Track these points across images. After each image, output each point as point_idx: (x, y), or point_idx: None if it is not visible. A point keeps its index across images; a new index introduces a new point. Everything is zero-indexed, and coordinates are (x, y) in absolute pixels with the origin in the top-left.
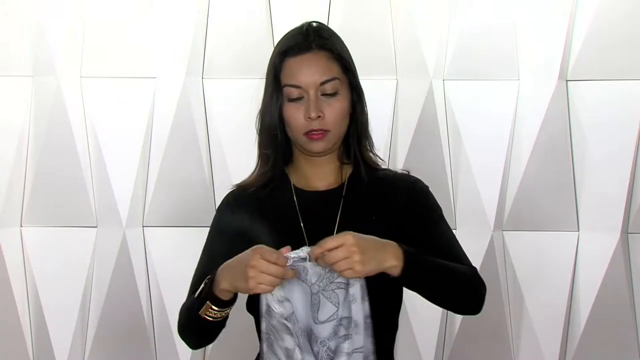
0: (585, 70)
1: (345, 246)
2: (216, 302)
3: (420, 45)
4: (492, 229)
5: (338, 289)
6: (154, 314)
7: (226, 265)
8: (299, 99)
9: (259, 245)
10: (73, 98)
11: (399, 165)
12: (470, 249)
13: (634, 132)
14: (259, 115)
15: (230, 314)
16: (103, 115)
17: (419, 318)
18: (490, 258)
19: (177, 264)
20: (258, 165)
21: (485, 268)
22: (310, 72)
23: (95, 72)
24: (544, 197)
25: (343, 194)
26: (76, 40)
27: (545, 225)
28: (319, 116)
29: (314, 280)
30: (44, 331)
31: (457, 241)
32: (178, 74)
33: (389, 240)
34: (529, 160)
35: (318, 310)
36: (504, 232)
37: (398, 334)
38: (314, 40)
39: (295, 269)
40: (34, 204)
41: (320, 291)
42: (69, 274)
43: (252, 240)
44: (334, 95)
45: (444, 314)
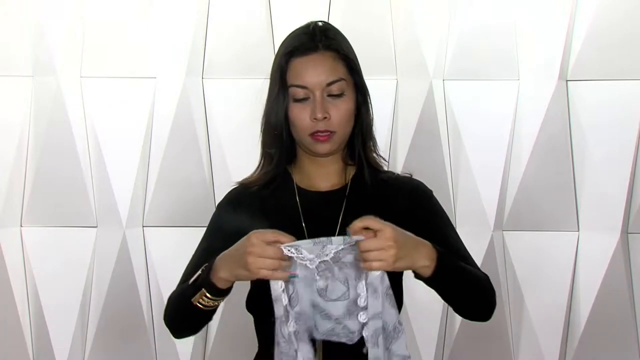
0: (585, 70)
1: (383, 237)
2: (211, 290)
3: (420, 45)
4: (492, 229)
5: (346, 268)
6: (154, 314)
7: (224, 254)
8: (305, 100)
9: (254, 231)
10: (73, 98)
11: (399, 165)
12: (470, 249)
13: (634, 132)
14: (264, 115)
15: (230, 314)
16: (103, 115)
17: (419, 318)
18: (490, 258)
19: (177, 264)
20: (261, 164)
21: (485, 268)
22: (316, 73)
23: (95, 72)
24: (544, 197)
25: (346, 194)
26: (76, 40)
27: (545, 225)
28: (325, 117)
29: (311, 256)
30: (44, 331)
31: (466, 249)
32: (178, 74)
33: (423, 239)
34: (529, 160)
35: (327, 289)
36: (504, 232)
37: None
38: (320, 40)
39: (295, 255)
40: (34, 204)
41: (326, 270)
42: (69, 274)
43: None
44: (339, 96)
45: (444, 314)
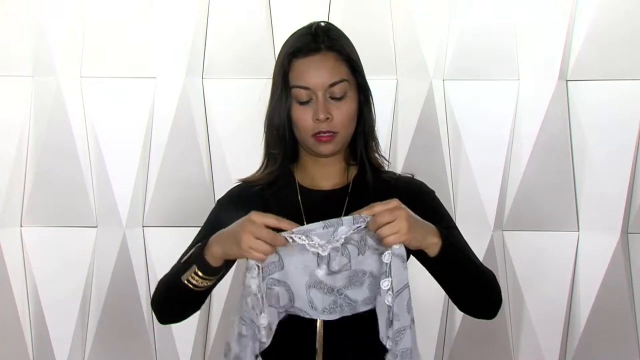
0: (585, 70)
1: (392, 210)
2: (202, 267)
3: (420, 45)
4: (492, 229)
5: (349, 244)
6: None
7: (221, 231)
8: (308, 101)
9: (255, 212)
10: (73, 98)
11: (399, 165)
12: None
13: (634, 132)
14: (266, 116)
15: (229, 313)
16: (103, 115)
17: (419, 318)
18: (490, 258)
19: None
20: (264, 164)
21: None
22: (318, 74)
23: (95, 72)
24: (544, 197)
25: (348, 194)
26: (76, 40)
27: (545, 225)
28: (328, 118)
29: (322, 242)
30: (44, 331)
31: (471, 249)
32: (178, 74)
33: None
34: (529, 160)
35: (329, 263)
36: (504, 232)
37: None
38: (323, 41)
39: (299, 239)
40: (34, 204)
41: (331, 250)
42: (69, 274)
43: None
44: (342, 97)
45: (444, 314)
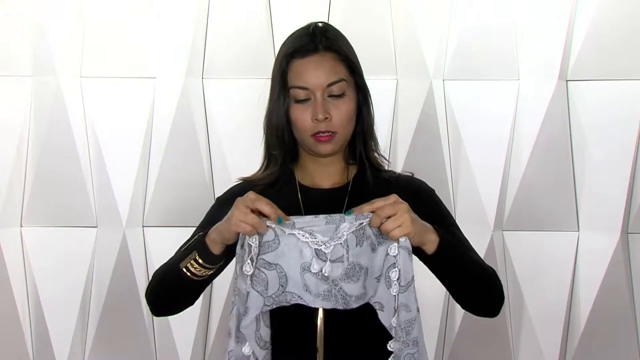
0: (585, 70)
1: (393, 204)
2: (203, 254)
3: (420, 45)
4: (492, 229)
5: (350, 234)
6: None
7: (221, 221)
8: (306, 101)
9: (251, 192)
10: (73, 98)
11: (399, 165)
12: None
13: (634, 132)
14: (266, 117)
15: (229, 313)
16: (103, 115)
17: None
18: (490, 258)
19: None
20: (264, 164)
21: None
22: (317, 74)
23: (95, 72)
24: (544, 197)
25: (348, 192)
26: (76, 40)
27: (545, 225)
28: (326, 118)
29: (325, 239)
30: (44, 331)
31: (472, 246)
32: (178, 74)
33: None
34: (529, 160)
35: (325, 254)
36: (504, 232)
37: None
38: (321, 41)
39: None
40: (34, 204)
41: (330, 240)
42: (69, 274)
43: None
44: (340, 96)
45: (444, 314)
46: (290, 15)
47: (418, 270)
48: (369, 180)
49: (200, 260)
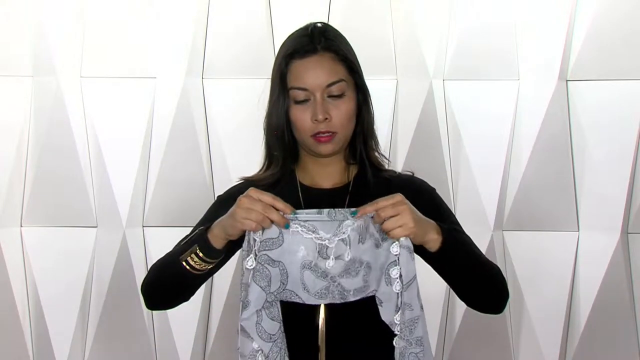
0: (585, 70)
1: (395, 203)
2: (203, 248)
3: (420, 45)
4: (492, 229)
5: (352, 231)
6: (153, 314)
7: (223, 216)
8: (306, 101)
9: (253, 188)
10: (73, 98)
11: (399, 165)
12: None
13: (634, 132)
14: (266, 118)
15: (230, 314)
16: (103, 115)
17: None
18: (490, 258)
19: None
20: (265, 165)
21: None
22: (316, 75)
23: (95, 72)
24: (544, 197)
25: (349, 192)
26: (76, 40)
27: (545, 225)
28: (326, 118)
29: (328, 235)
30: (44, 331)
31: (476, 245)
32: (178, 74)
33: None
34: (529, 160)
35: (327, 250)
36: (504, 232)
37: None
38: (320, 42)
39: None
40: (34, 204)
41: (333, 237)
42: (69, 274)
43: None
44: (340, 96)
45: (444, 314)
46: (290, 15)
47: (419, 269)
48: (369, 180)
49: (200, 254)
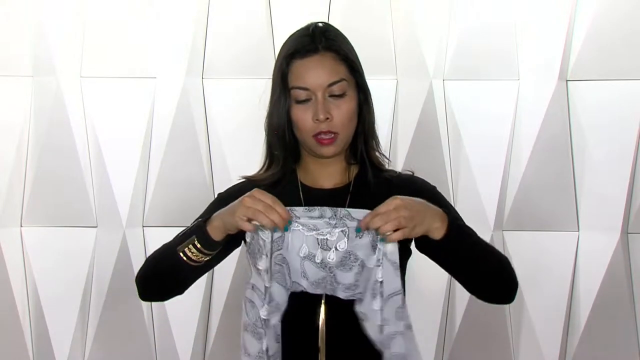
0: (585, 70)
1: (389, 206)
2: (203, 239)
3: (420, 45)
4: (492, 229)
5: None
6: (153, 314)
7: (223, 208)
8: (307, 101)
9: (257, 189)
10: (73, 98)
11: (399, 164)
12: None
13: (634, 132)
14: (267, 118)
15: (229, 313)
16: (103, 115)
17: (418, 318)
18: None
19: None
20: (266, 165)
21: None
22: (317, 74)
23: (95, 72)
24: (544, 197)
25: (350, 192)
26: (76, 40)
27: (546, 225)
28: (327, 118)
29: (329, 229)
30: (44, 331)
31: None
32: (178, 74)
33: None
34: (529, 160)
35: (329, 242)
36: (504, 232)
37: None
38: (321, 41)
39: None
40: (34, 204)
41: (334, 229)
42: (69, 274)
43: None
44: (341, 96)
45: (444, 314)
46: (290, 15)
47: (417, 269)
48: (370, 180)
49: (198, 245)
